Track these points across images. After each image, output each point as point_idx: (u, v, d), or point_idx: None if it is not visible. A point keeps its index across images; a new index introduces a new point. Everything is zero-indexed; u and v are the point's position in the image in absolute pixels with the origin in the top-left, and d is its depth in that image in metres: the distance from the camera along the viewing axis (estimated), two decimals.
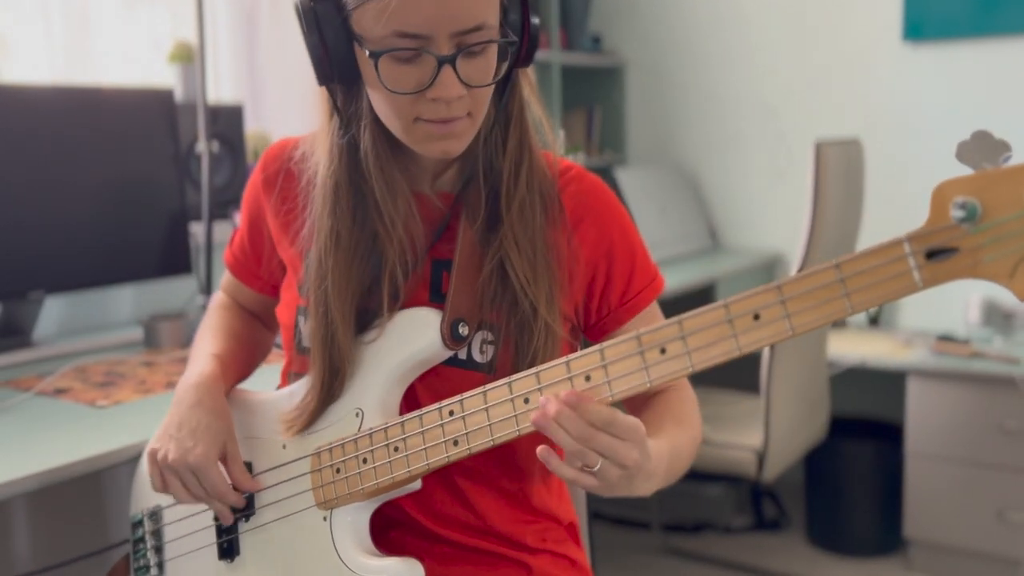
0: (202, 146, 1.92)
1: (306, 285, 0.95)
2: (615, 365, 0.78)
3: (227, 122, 2.10)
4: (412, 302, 0.93)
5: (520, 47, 0.87)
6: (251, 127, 2.34)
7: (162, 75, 2.20)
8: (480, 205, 0.92)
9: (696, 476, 2.71)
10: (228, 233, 2.02)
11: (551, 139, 0.96)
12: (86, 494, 1.86)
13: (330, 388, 0.92)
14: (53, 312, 1.86)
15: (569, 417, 0.76)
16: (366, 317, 0.92)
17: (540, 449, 0.79)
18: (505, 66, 0.88)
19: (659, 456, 0.82)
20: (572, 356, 0.80)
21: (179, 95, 2.10)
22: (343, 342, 0.90)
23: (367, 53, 0.83)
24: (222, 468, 0.95)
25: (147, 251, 1.82)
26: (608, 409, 0.77)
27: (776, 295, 0.72)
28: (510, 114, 0.92)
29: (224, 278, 1.16)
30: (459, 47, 0.82)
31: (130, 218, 1.79)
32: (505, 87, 0.91)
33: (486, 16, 0.81)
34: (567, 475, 0.79)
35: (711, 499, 2.80)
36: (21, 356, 1.63)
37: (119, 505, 1.91)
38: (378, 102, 0.88)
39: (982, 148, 0.67)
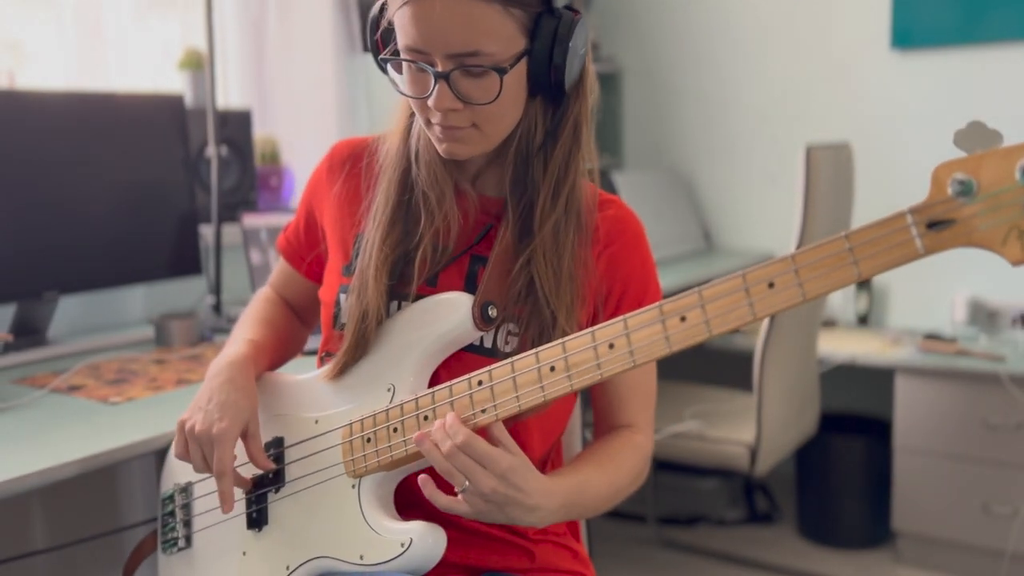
0: (211, 150, 1.94)
1: (354, 264, 1.02)
2: (637, 333, 0.82)
3: (235, 127, 2.13)
4: (448, 290, 0.99)
5: (549, 76, 0.92)
6: (259, 131, 2.35)
7: (172, 81, 2.22)
8: (515, 216, 0.98)
9: (691, 470, 2.76)
10: (237, 235, 2.07)
11: (593, 166, 1.00)
12: (99, 489, 1.88)
13: (362, 334, 0.97)
14: (67, 311, 1.86)
15: (440, 435, 0.86)
16: (400, 282, 0.99)
17: (421, 477, 0.88)
18: (518, 88, 0.93)
19: (548, 493, 0.89)
20: (598, 327, 0.85)
21: (189, 101, 2.11)
22: (374, 289, 0.97)
23: (378, 58, 0.95)
24: (241, 445, 0.99)
25: (158, 252, 1.82)
26: (468, 432, 0.85)
27: (790, 264, 0.77)
28: (558, 135, 0.97)
29: (273, 273, 1.21)
30: (457, 66, 0.89)
31: (141, 220, 1.79)
32: (557, 107, 0.96)
33: (482, 44, 0.87)
34: (440, 501, 0.88)
35: (705, 493, 2.82)
36: (36, 354, 1.63)
37: (131, 499, 1.93)
38: (407, 99, 0.97)
39: (977, 136, 0.72)
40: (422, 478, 0.88)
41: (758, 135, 3.11)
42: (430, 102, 0.91)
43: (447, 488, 0.89)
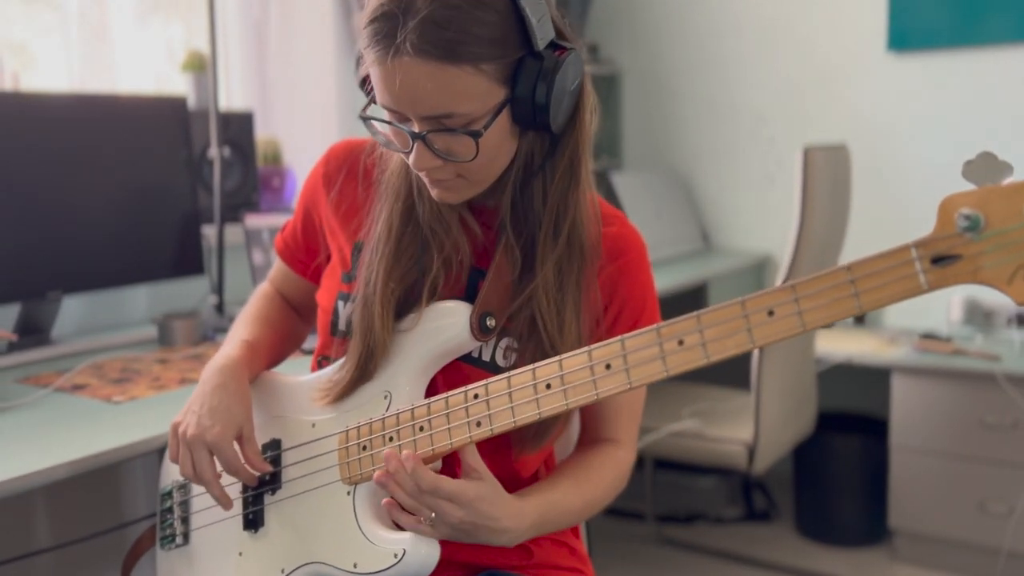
0: (214, 151, 1.95)
1: (353, 272, 1.01)
2: (634, 355, 0.81)
3: (238, 128, 2.13)
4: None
5: (534, 118, 0.88)
6: (261, 133, 2.37)
7: (176, 83, 2.24)
8: (516, 249, 0.96)
9: (689, 468, 2.78)
10: (239, 235, 2.08)
11: (592, 189, 0.99)
12: (102, 486, 1.89)
13: (365, 367, 0.96)
14: (71, 311, 1.87)
15: (404, 477, 0.86)
16: (405, 307, 0.97)
17: (385, 501, 0.90)
18: (509, 129, 0.91)
19: (518, 515, 0.90)
20: (594, 346, 0.84)
21: (192, 103, 2.13)
22: (380, 326, 0.95)
23: (359, 115, 0.93)
24: (237, 448, 0.98)
25: (161, 253, 1.83)
26: (434, 476, 0.86)
27: (790, 294, 0.75)
28: (556, 167, 0.95)
29: (272, 269, 1.21)
30: (433, 127, 0.87)
31: (145, 221, 1.80)
32: (557, 143, 0.94)
33: (454, 106, 0.85)
34: (405, 522, 0.89)
35: (703, 491, 2.84)
36: (40, 354, 1.64)
37: (134, 497, 1.94)
38: None
39: (987, 168, 0.70)
40: (385, 502, 0.89)
41: (756, 136, 3.12)
42: (410, 160, 0.90)
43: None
